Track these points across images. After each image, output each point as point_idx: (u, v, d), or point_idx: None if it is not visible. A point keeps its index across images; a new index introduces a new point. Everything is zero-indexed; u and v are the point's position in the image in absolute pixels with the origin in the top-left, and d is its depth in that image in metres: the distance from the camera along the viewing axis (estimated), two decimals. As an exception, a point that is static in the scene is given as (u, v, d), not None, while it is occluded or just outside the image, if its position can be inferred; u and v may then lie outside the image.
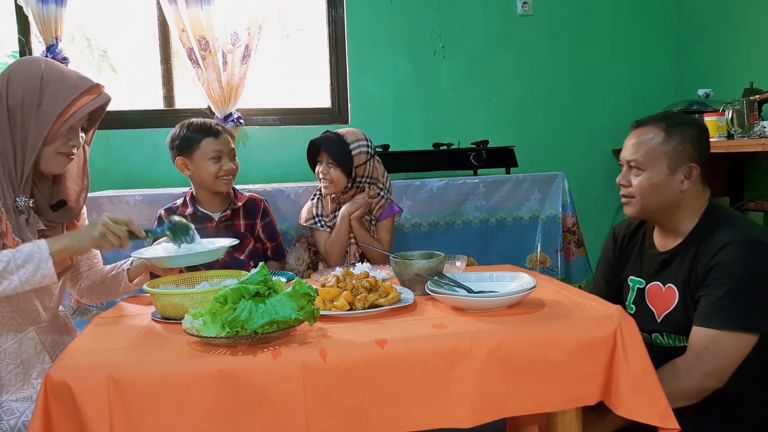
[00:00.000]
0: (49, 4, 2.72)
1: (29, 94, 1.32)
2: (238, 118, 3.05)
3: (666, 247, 1.50)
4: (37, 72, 1.34)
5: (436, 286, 1.33)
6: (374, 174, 2.09)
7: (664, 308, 1.46)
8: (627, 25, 3.54)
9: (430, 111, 3.34)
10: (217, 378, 0.99)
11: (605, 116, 3.56)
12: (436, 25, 3.31)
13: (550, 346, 1.11)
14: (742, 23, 3.12)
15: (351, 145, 2.03)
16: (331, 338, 1.10)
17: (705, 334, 1.31)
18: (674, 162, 1.42)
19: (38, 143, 1.33)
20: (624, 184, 1.50)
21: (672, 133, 1.43)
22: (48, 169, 1.39)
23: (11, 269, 1.24)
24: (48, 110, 1.32)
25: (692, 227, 1.45)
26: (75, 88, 1.35)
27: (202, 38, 2.92)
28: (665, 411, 1.11)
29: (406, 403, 1.05)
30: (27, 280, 1.25)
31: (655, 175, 1.43)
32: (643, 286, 1.54)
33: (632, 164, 1.47)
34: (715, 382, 1.30)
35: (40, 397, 0.98)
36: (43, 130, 1.32)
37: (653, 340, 1.50)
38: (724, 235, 1.36)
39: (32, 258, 1.26)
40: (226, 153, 1.91)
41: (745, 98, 2.62)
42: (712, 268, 1.35)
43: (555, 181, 2.66)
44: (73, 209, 1.49)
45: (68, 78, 1.37)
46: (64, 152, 1.39)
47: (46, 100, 1.33)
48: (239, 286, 1.08)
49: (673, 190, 1.43)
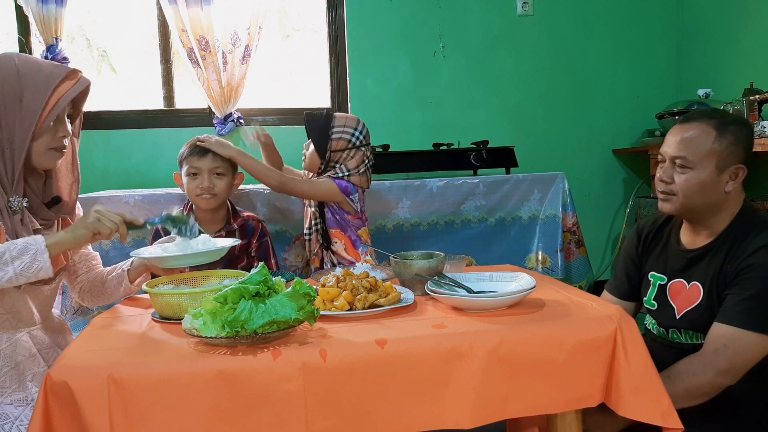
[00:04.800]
0: (49, 4, 2.72)
1: (9, 90, 1.30)
2: (238, 118, 3.05)
3: (695, 245, 1.46)
4: (11, 67, 1.31)
5: (436, 286, 1.33)
6: (349, 164, 2.09)
7: (686, 305, 1.44)
8: (627, 25, 3.54)
9: (430, 111, 3.34)
10: (217, 378, 0.99)
11: (605, 116, 3.56)
12: (436, 25, 3.31)
13: (550, 346, 1.10)
14: (742, 23, 3.12)
15: (334, 128, 2.05)
16: (331, 338, 1.10)
17: (726, 331, 1.30)
18: (723, 162, 1.37)
19: (27, 139, 1.30)
20: (666, 181, 1.43)
21: (724, 132, 1.37)
22: (41, 165, 1.37)
23: (6, 260, 1.21)
24: (31, 103, 1.30)
25: (725, 227, 1.41)
26: (53, 77, 1.33)
27: (202, 38, 2.92)
28: (668, 410, 1.10)
29: (406, 404, 1.05)
30: (22, 272, 1.23)
31: (702, 174, 1.37)
32: (665, 283, 1.51)
33: (678, 161, 1.40)
34: (729, 380, 1.29)
35: (40, 397, 0.98)
36: (30, 125, 1.30)
37: (670, 336, 1.48)
38: (759, 238, 1.33)
39: (28, 250, 1.24)
40: (205, 171, 1.92)
41: (745, 98, 2.63)
42: (744, 269, 1.32)
43: (555, 181, 2.66)
44: (67, 204, 1.48)
45: (44, 68, 1.34)
46: (55, 147, 1.37)
47: (27, 94, 1.30)
48: (239, 286, 1.08)
49: (718, 190, 1.38)
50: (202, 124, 3.11)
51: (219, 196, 1.94)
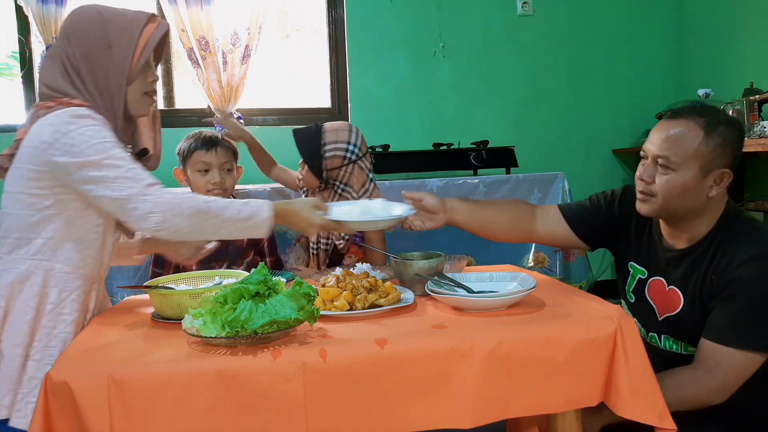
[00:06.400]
0: (49, 4, 2.72)
1: (97, 38, 1.27)
2: (238, 118, 3.05)
3: (676, 245, 1.39)
4: (95, 15, 1.29)
5: (436, 286, 1.33)
6: (349, 181, 1.94)
7: (667, 309, 1.40)
8: (627, 26, 3.54)
9: (430, 111, 3.34)
10: (217, 378, 0.99)
11: (605, 116, 3.56)
12: (436, 25, 3.31)
13: (550, 346, 1.10)
14: (742, 23, 3.12)
15: (326, 146, 1.90)
16: (331, 338, 1.10)
17: (717, 350, 1.26)
18: (708, 165, 1.26)
19: (123, 85, 1.28)
20: (647, 180, 1.33)
21: (712, 133, 1.26)
22: (136, 112, 1.35)
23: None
24: (120, 49, 1.28)
25: (706, 232, 1.33)
26: (137, 21, 1.31)
27: (202, 38, 2.92)
28: (663, 411, 1.11)
29: (406, 403, 1.05)
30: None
31: (685, 176, 1.27)
32: (645, 277, 1.45)
33: (660, 161, 1.30)
34: (720, 398, 1.27)
35: (40, 397, 0.98)
36: (123, 70, 1.28)
37: (650, 339, 1.45)
38: (745, 248, 1.26)
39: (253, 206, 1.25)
40: (216, 166, 1.90)
41: (745, 98, 2.63)
42: (731, 282, 1.26)
43: (555, 181, 2.66)
44: (152, 156, 1.46)
45: (126, 13, 1.32)
46: (148, 92, 1.36)
47: (115, 40, 1.28)
48: (239, 286, 1.08)
49: (701, 195, 1.29)
50: (202, 125, 3.11)
51: (228, 191, 1.96)
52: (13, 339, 1.18)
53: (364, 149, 1.98)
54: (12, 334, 1.18)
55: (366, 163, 1.98)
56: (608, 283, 3.61)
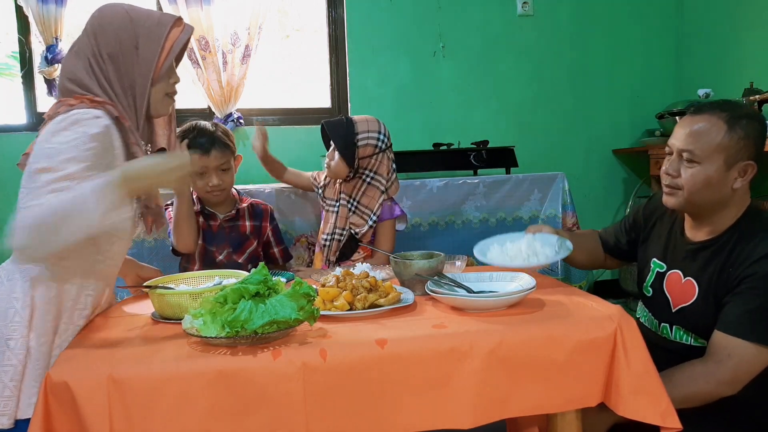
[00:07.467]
0: (49, 4, 2.72)
1: (125, 38, 1.29)
2: (238, 118, 3.05)
3: (696, 238, 1.42)
4: (123, 15, 1.30)
5: (436, 286, 1.33)
6: (379, 169, 2.02)
7: (681, 300, 1.42)
8: (627, 25, 3.54)
9: (430, 111, 3.34)
10: (217, 378, 0.99)
11: (605, 116, 3.56)
12: (436, 25, 3.31)
13: (550, 346, 1.10)
14: (742, 23, 3.12)
15: (359, 135, 1.96)
16: (331, 338, 1.10)
17: (729, 342, 1.28)
18: (732, 158, 1.31)
19: (147, 85, 1.30)
20: (672, 174, 1.37)
21: (735, 127, 1.30)
22: (157, 112, 1.37)
23: None
24: (147, 51, 1.30)
25: (729, 225, 1.37)
26: (164, 23, 1.33)
27: (202, 38, 2.92)
28: (667, 410, 1.10)
29: (406, 404, 1.05)
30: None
31: (710, 169, 1.32)
32: (664, 271, 1.48)
33: (686, 155, 1.34)
34: (730, 390, 1.28)
35: (40, 397, 0.98)
36: (149, 71, 1.30)
37: (661, 331, 1.47)
38: (763, 244, 1.29)
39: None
40: (212, 168, 1.90)
41: (745, 98, 2.63)
42: (749, 276, 1.28)
43: (555, 181, 2.66)
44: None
45: (153, 14, 1.34)
46: (170, 93, 1.37)
47: (142, 41, 1.29)
48: (239, 286, 1.08)
49: (725, 187, 1.33)
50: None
51: (227, 188, 1.97)
52: (39, 337, 1.20)
53: (390, 141, 2.07)
54: (39, 333, 1.20)
55: (391, 154, 2.07)
56: (608, 283, 3.61)
